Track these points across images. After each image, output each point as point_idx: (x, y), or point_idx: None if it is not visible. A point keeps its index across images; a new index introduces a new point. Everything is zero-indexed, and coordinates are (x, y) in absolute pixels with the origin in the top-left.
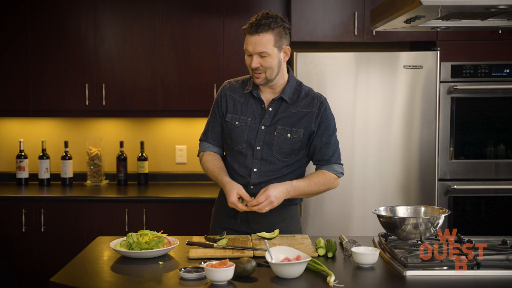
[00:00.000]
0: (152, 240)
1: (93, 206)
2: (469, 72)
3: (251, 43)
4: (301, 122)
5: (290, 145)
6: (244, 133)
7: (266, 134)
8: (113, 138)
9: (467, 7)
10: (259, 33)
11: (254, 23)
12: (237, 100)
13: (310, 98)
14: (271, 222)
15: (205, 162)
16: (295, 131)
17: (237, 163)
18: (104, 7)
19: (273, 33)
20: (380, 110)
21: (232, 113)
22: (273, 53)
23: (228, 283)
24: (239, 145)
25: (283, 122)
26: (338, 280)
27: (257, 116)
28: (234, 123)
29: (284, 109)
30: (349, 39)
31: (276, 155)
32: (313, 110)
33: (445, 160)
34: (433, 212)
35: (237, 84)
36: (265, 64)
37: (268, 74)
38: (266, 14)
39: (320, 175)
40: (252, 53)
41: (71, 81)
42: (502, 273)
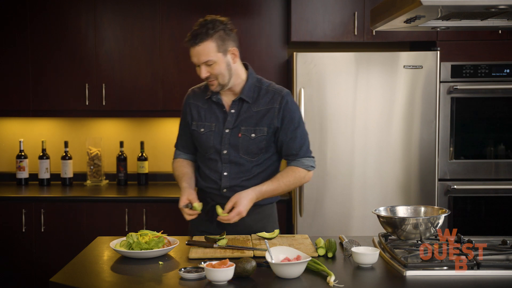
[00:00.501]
0: (152, 240)
1: (93, 206)
2: (469, 72)
3: (194, 55)
4: (263, 120)
5: (256, 145)
6: (210, 139)
7: (231, 137)
8: (113, 138)
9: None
10: (198, 44)
11: (192, 34)
12: (200, 107)
13: (271, 94)
14: (249, 224)
15: (173, 169)
16: (259, 129)
17: (208, 169)
18: (104, 7)
19: (213, 39)
20: (380, 110)
21: (197, 121)
22: (218, 59)
23: (228, 283)
24: (208, 151)
25: (246, 122)
26: (338, 280)
27: (221, 120)
28: (199, 130)
29: (246, 109)
30: (349, 39)
31: (244, 157)
32: (274, 106)
33: (445, 160)
34: (433, 212)
35: (200, 91)
36: (214, 71)
37: (221, 80)
38: (204, 21)
39: (289, 174)
40: (199, 64)
41: (71, 81)
42: (502, 273)
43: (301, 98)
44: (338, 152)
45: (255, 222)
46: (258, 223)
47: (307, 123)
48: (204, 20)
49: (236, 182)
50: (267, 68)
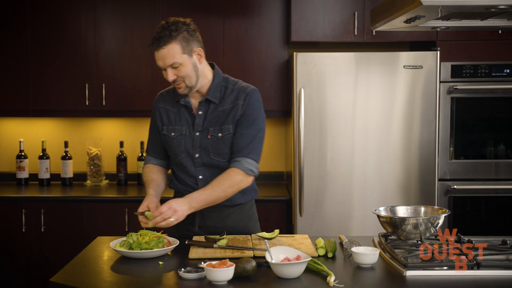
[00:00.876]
0: (152, 240)
1: (93, 206)
2: (469, 72)
3: (159, 59)
4: (229, 118)
5: (224, 144)
6: (181, 143)
7: (202, 140)
8: (113, 138)
9: (467, 7)
10: (162, 47)
11: (155, 37)
12: (170, 111)
13: (236, 92)
14: (231, 226)
15: (142, 175)
16: (225, 128)
17: (183, 173)
18: (104, 7)
19: (177, 41)
20: (380, 110)
21: (167, 125)
22: (184, 61)
23: (228, 283)
24: (179, 156)
25: (213, 123)
26: (338, 280)
27: (190, 123)
28: (170, 134)
29: (213, 109)
30: (349, 39)
31: (216, 158)
32: (238, 103)
33: (445, 160)
34: (433, 212)
35: (169, 95)
36: (181, 74)
37: (188, 82)
38: (166, 23)
39: (224, 178)
40: (164, 67)
41: (71, 81)
42: (502, 273)
43: (301, 98)
44: (338, 152)
45: (236, 222)
46: (240, 222)
47: (307, 123)
48: (166, 22)
49: None
50: (267, 68)
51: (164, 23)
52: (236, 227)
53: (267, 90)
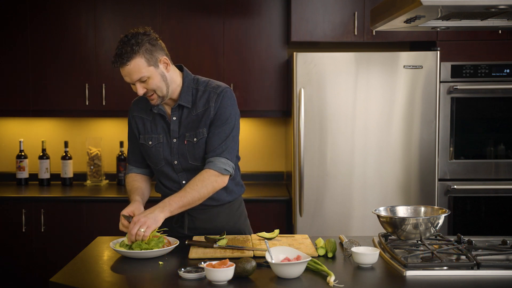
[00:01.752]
0: (152, 240)
1: (93, 206)
2: (469, 72)
3: (125, 75)
4: (202, 122)
5: (200, 148)
6: (160, 151)
7: (179, 146)
8: (113, 138)
9: (467, 7)
10: (126, 64)
11: (117, 54)
12: (146, 119)
13: (207, 94)
14: (220, 226)
15: (126, 184)
16: (199, 132)
17: (166, 180)
18: (104, 7)
19: (140, 54)
20: (380, 110)
21: (144, 134)
22: (151, 74)
23: (228, 283)
24: (159, 164)
25: (188, 128)
26: (338, 280)
27: (166, 130)
28: (148, 143)
29: (187, 114)
30: (349, 39)
31: (194, 163)
32: (210, 106)
33: (445, 160)
34: (433, 212)
35: (142, 102)
36: (150, 86)
37: (159, 93)
38: (125, 37)
39: (198, 180)
40: (133, 82)
41: (71, 81)
42: (502, 273)
43: (301, 98)
44: (338, 152)
45: (226, 221)
46: (230, 221)
47: (307, 123)
48: (125, 36)
49: None
50: (267, 68)
51: (123, 37)
52: (225, 226)
53: (267, 90)
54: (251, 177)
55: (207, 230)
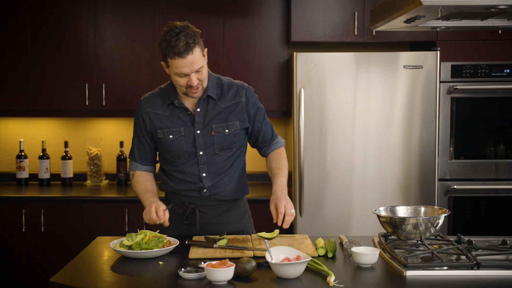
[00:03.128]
0: (152, 240)
1: (93, 206)
2: (469, 72)
3: (186, 65)
4: (233, 115)
5: (231, 140)
6: (182, 144)
7: (204, 137)
8: (113, 138)
9: (467, 7)
10: (192, 51)
11: (181, 44)
12: (161, 115)
13: (234, 89)
14: (227, 222)
15: (135, 183)
16: (231, 124)
17: (182, 174)
18: (104, 7)
19: (199, 44)
20: (380, 110)
21: (163, 129)
22: (204, 64)
23: (228, 283)
24: (181, 157)
25: (216, 119)
26: (338, 280)
27: (188, 123)
28: (168, 137)
29: (213, 106)
30: (349, 39)
31: (220, 153)
32: (241, 100)
33: (445, 160)
34: (433, 212)
35: (155, 99)
36: (202, 76)
37: (204, 84)
38: (177, 29)
39: (281, 158)
40: (192, 73)
41: (71, 81)
42: (502, 273)
43: (301, 98)
44: (338, 152)
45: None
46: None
47: (307, 123)
48: (176, 28)
49: (216, 180)
50: (267, 68)
51: (175, 29)
52: (232, 223)
53: (267, 90)
54: (251, 177)
55: (216, 226)
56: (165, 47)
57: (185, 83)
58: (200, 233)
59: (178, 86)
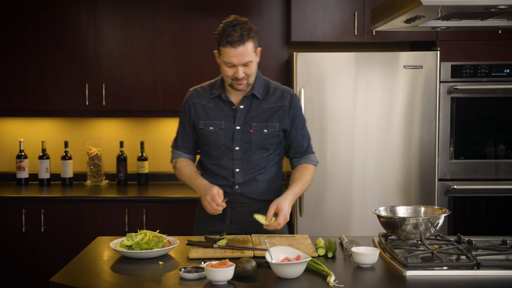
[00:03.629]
0: (152, 240)
1: (93, 206)
2: (469, 72)
3: (235, 55)
4: (275, 116)
5: (268, 140)
6: (221, 137)
7: (243, 134)
8: (113, 138)
9: (467, 7)
10: (244, 43)
11: (236, 34)
12: (206, 106)
13: (280, 92)
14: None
15: (181, 167)
16: (271, 125)
17: (217, 167)
18: (104, 7)
19: (253, 39)
20: (380, 110)
21: (205, 120)
22: (254, 59)
23: (228, 283)
24: (218, 149)
25: (257, 118)
26: (338, 280)
27: (230, 117)
28: (208, 129)
29: (256, 105)
30: (349, 39)
31: (256, 152)
32: (285, 104)
33: (445, 160)
34: (433, 212)
35: (203, 91)
36: (249, 71)
37: (250, 80)
38: (242, 22)
39: (306, 172)
40: (238, 65)
41: (71, 81)
42: (502, 273)
43: (301, 98)
44: (338, 152)
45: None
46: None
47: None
48: (235, 20)
49: (249, 177)
50: (267, 68)
51: (236, 22)
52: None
53: None
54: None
55: (247, 224)
56: (220, 35)
57: (231, 74)
58: (229, 230)
59: (225, 76)
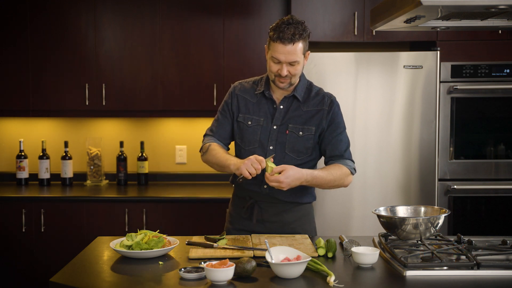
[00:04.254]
0: (152, 240)
1: (93, 206)
2: (469, 72)
3: (283, 53)
4: (312, 120)
5: (303, 143)
6: (257, 133)
7: (279, 134)
8: (113, 138)
9: (467, 7)
10: (294, 42)
11: (288, 32)
12: (248, 101)
13: (321, 96)
14: (287, 221)
15: (212, 150)
16: (306, 129)
17: None
18: (104, 7)
19: (304, 40)
20: (380, 110)
21: (245, 114)
22: (301, 61)
23: (228, 283)
24: (251, 145)
25: (294, 120)
26: (338, 280)
27: (269, 116)
28: (247, 123)
29: (296, 107)
30: (349, 39)
31: (289, 154)
32: (323, 108)
33: (445, 160)
34: (433, 212)
35: (248, 85)
36: (294, 71)
37: (293, 80)
38: (293, 20)
39: (337, 168)
40: (283, 62)
41: (71, 81)
42: (502, 273)
43: None
44: None
45: (293, 220)
46: (296, 221)
47: None
48: (291, 19)
49: None
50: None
51: (292, 20)
52: (291, 224)
53: None
54: None
55: (274, 223)
56: (273, 30)
57: (276, 70)
58: (256, 229)
59: (270, 71)
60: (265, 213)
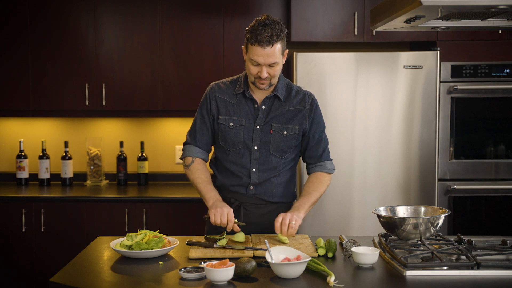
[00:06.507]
0: (152, 240)
1: (93, 206)
2: (469, 72)
3: (262, 55)
4: (295, 119)
5: (287, 142)
6: (240, 134)
7: (262, 133)
8: (113, 138)
9: (467, 7)
10: (273, 45)
11: (266, 34)
12: (227, 102)
13: (301, 95)
14: (269, 222)
15: (196, 170)
16: (291, 128)
17: (234, 165)
18: (104, 7)
19: (282, 41)
20: (380, 110)
21: (225, 115)
22: (280, 61)
23: (228, 283)
24: (235, 146)
25: (277, 119)
26: (338, 280)
27: (251, 116)
28: (228, 124)
29: (277, 106)
30: (349, 39)
31: (274, 153)
32: (305, 107)
33: (445, 160)
34: (433, 212)
35: (225, 86)
36: (274, 72)
37: (273, 81)
38: (274, 21)
39: (318, 183)
40: (263, 65)
41: (71, 81)
42: (502, 273)
43: None
44: (338, 152)
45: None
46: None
47: None
48: (267, 19)
49: (264, 178)
50: None
51: (265, 20)
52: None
53: None
54: None
55: (259, 225)
56: (250, 32)
57: (255, 73)
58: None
59: (249, 73)
60: (251, 215)
